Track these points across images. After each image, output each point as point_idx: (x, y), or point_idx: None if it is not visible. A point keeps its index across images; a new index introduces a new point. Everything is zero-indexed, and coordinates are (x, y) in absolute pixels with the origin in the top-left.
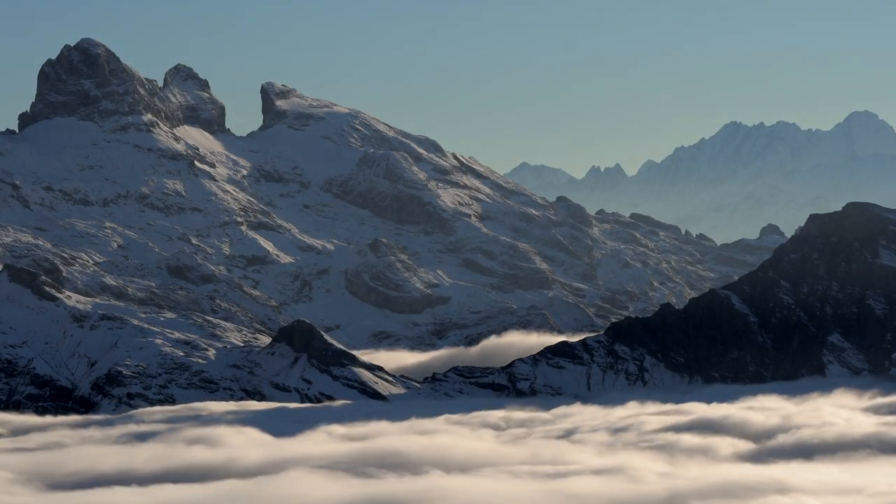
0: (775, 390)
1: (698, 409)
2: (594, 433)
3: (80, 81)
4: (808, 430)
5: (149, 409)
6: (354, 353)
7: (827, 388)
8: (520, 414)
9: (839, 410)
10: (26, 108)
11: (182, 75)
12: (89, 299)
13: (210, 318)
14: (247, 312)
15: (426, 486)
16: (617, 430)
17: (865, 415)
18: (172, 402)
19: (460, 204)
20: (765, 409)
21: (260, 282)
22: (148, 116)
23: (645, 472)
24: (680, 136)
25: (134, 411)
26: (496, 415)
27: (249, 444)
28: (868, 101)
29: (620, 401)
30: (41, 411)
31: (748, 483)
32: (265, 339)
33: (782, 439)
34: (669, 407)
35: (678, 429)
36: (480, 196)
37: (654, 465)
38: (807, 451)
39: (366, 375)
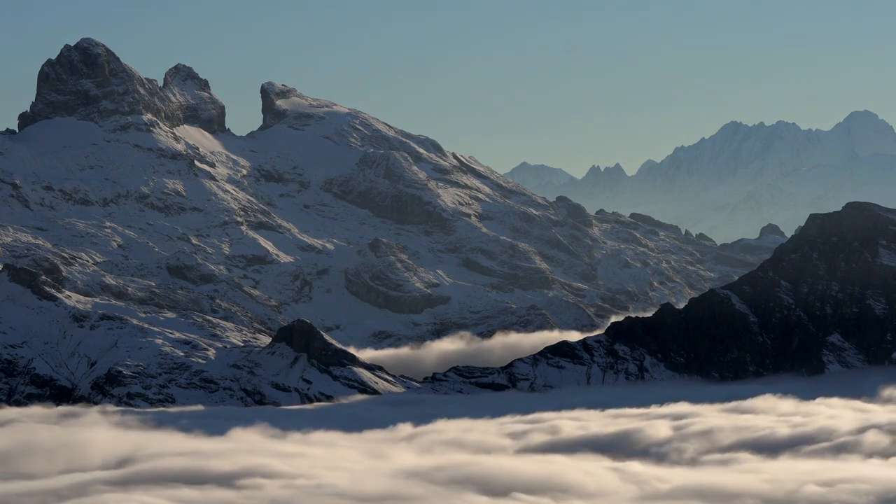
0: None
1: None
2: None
3: (80, 81)
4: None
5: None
6: (354, 353)
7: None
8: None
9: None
10: (26, 108)
11: (182, 75)
12: (89, 299)
13: (210, 318)
14: (247, 312)
15: None
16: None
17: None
18: (172, 402)
19: (460, 204)
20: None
21: (260, 282)
22: (148, 116)
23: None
24: (680, 136)
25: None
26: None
27: None
28: (868, 101)
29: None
30: None
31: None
32: (265, 339)
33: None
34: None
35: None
36: (480, 196)
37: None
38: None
39: (366, 375)
